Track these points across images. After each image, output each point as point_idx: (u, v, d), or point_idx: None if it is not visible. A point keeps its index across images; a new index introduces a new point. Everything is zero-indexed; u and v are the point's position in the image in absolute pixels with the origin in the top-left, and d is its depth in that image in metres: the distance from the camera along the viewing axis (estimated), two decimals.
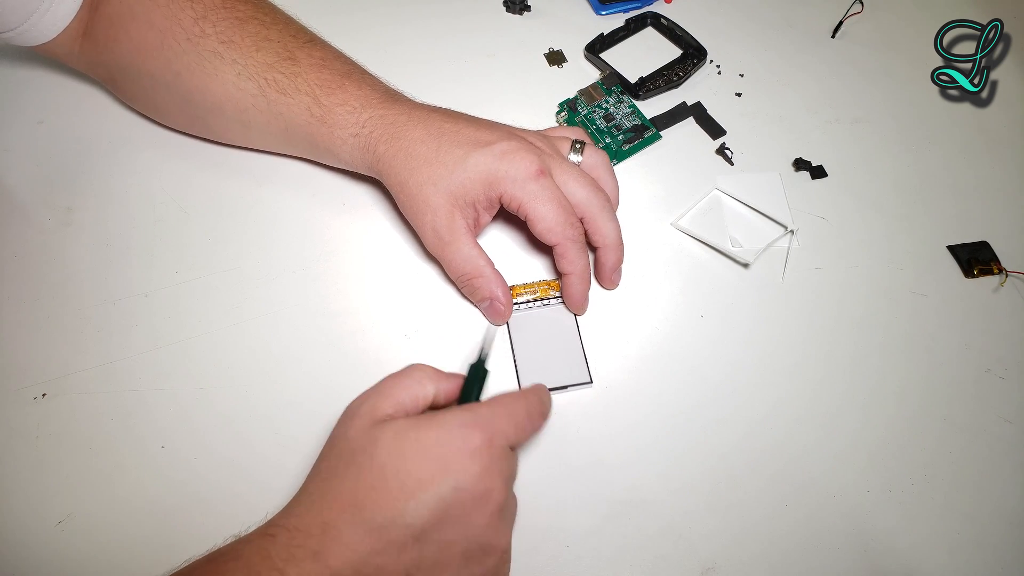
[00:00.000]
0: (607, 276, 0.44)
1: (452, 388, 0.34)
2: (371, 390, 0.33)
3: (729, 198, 0.49)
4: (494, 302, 0.43)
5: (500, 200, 0.41)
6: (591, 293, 0.44)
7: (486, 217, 0.42)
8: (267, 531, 0.30)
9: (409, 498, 0.29)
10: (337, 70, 0.44)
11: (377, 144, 0.42)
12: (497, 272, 0.42)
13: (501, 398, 0.33)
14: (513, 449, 0.33)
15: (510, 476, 0.32)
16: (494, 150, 0.40)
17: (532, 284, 0.45)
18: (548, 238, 0.41)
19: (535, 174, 0.40)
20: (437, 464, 0.30)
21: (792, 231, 0.47)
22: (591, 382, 0.42)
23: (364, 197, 0.48)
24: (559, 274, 0.43)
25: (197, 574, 0.29)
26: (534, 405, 0.34)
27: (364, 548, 0.29)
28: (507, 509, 0.32)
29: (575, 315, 0.44)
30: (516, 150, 0.40)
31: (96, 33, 0.45)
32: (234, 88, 0.43)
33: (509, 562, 0.34)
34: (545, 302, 0.44)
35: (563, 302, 0.44)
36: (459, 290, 0.44)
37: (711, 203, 0.49)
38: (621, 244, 0.43)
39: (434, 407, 0.33)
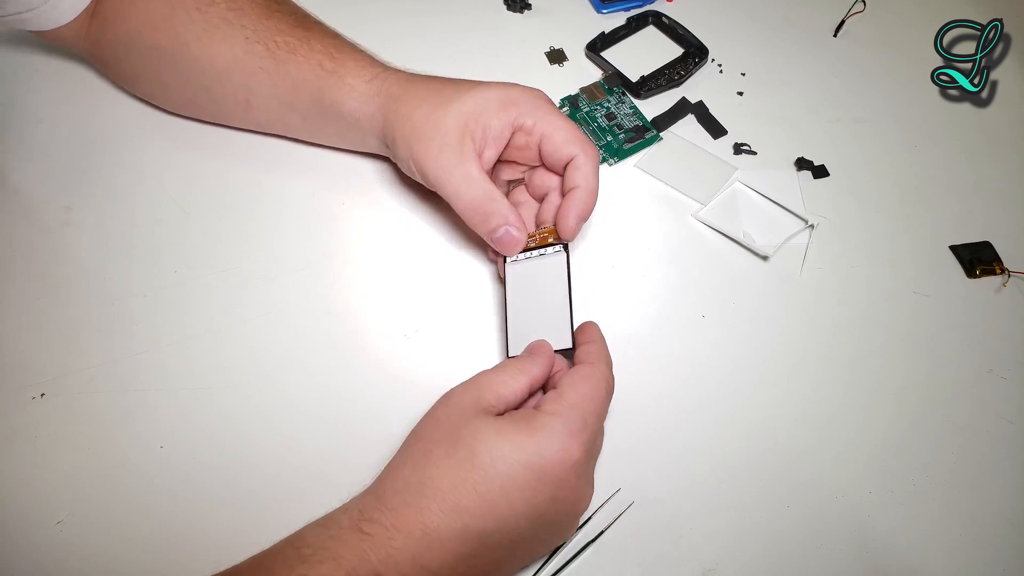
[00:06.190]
0: (572, 223, 0.40)
1: (540, 374, 0.35)
2: (470, 382, 0.34)
3: (750, 190, 0.50)
4: (508, 228, 0.40)
5: (513, 124, 0.40)
6: (589, 297, 0.44)
7: (491, 151, 0.40)
8: (363, 528, 0.30)
9: (511, 510, 0.31)
10: (347, 41, 0.45)
11: (391, 86, 0.42)
12: (505, 198, 0.40)
13: (584, 384, 0.34)
14: None
15: (596, 455, 0.35)
16: (507, 84, 0.41)
17: (533, 233, 0.42)
18: (567, 149, 0.40)
19: (547, 101, 0.41)
20: (538, 476, 0.31)
21: (812, 226, 0.47)
22: (573, 348, 0.38)
23: (364, 197, 0.48)
24: (562, 195, 0.40)
25: (286, 563, 0.30)
26: (610, 379, 0.35)
27: (463, 551, 0.30)
28: (589, 490, 0.35)
29: (566, 248, 0.40)
30: (528, 87, 0.42)
31: (104, 11, 0.46)
32: (243, 51, 0.44)
33: None
34: (541, 252, 0.41)
35: (557, 247, 0.40)
36: (468, 222, 0.41)
37: (731, 196, 0.49)
38: (596, 195, 0.40)
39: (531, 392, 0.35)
